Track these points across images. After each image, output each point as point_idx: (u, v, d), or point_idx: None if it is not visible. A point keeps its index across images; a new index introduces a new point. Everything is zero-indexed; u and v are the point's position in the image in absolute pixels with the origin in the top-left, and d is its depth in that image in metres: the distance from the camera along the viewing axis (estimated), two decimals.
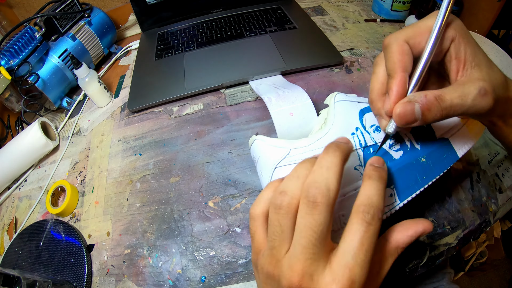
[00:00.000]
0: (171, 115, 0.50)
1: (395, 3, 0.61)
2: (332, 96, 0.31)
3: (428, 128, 0.28)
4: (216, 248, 0.35)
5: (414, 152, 0.27)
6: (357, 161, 0.27)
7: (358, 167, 0.27)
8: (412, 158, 0.27)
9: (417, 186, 0.27)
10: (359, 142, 0.27)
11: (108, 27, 0.66)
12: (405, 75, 0.23)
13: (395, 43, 0.23)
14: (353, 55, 0.54)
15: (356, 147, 0.27)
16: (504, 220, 0.91)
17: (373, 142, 0.28)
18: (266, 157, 0.29)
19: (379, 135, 0.28)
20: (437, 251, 0.34)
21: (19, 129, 0.55)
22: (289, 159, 0.28)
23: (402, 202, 0.26)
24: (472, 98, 0.21)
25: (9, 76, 0.48)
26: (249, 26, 0.62)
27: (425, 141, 0.28)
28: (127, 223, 0.39)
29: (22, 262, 0.39)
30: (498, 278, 1.02)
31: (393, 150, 0.27)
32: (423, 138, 0.28)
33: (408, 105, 0.21)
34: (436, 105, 0.21)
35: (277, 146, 0.29)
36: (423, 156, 0.27)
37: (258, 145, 0.30)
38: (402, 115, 0.21)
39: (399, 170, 0.27)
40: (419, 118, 0.21)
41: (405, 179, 0.27)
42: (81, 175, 0.46)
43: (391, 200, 0.26)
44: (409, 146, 0.28)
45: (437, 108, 0.21)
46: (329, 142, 0.22)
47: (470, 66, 0.22)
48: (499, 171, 0.39)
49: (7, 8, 0.71)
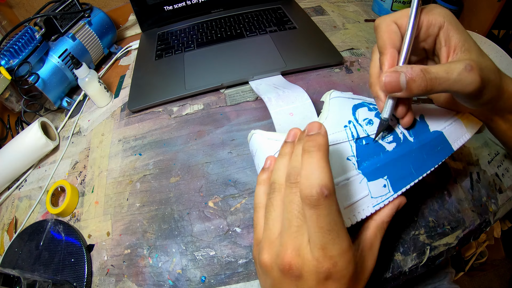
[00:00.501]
0: (171, 115, 0.50)
1: (395, 3, 0.61)
2: (328, 94, 0.33)
3: (422, 121, 0.29)
4: (216, 248, 0.35)
5: (407, 144, 0.28)
6: (350, 152, 0.28)
7: (350, 157, 0.28)
8: (405, 149, 0.28)
9: (411, 178, 0.27)
10: (351, 133, 0.29)
11: (108, 27, 0.66)
12: (394, 51, 0.24)
13: (384, 23, 0.25)
14: (353, 55, 0.54)
15: (348, 139, 0.28)
16: (504, 220, 0.91)
17: (366, 134, 0.28)
18: (263, 150, 0.30)
19: (371, 128, 0.29)
20: (437, 251, 0.34)
21: (19, 129, 0.55)
22: None
23: (396, 193, 0.27)
24: (457, 72, 0.21)
25: (9, 76, 0.48)
26: (249, 26, 0.62)
27: (418, 133, 0.28)
28: (127, 223, 0.39)
29: (22, 262, 0.39)
30: (498, 278, 1.02)
31: (386, 142, 0.28)
32: (416, 131, 0.28)
33: (394, 74, 0.22)
34: (421, 76, 0.21)
35: (274, 139, 0.30)
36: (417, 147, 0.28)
37: (256, 138, 0.32)
38: (387, 83, 0.22)
39: (393, 161, 0.27)
40: (404, 88, 0.22)
41: (398, 170, 0.27)
42: (81, 175, 0.46)
43: (385, 191, 0.27)
44: (402, 138, 0.28)
45: (422, 79, 0.21)
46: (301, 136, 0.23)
47: (460, 51, 0.23)
48: (499, 171, 0.39)
49: (7, 8, 0.71)
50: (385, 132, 0.28)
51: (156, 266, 0.35)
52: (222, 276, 0.34)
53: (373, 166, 0.27)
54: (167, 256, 0.36)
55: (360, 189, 0.26)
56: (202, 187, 0.40)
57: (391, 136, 0.28)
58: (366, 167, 0.27)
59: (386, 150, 0.28)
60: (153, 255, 0.36)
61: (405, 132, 0.28)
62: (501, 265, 1.01)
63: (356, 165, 0.27)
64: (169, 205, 0.40)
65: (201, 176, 0.41)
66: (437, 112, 0.30)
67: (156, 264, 0.35)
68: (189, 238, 0.37)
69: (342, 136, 0.29)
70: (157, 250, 0.36)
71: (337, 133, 0.29)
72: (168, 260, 0.36)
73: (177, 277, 0.34)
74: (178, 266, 0.35)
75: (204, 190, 0.40)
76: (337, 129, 0.29)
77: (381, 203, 0.26)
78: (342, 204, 0.26)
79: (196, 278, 0.34)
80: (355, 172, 0.27)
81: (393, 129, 0.29)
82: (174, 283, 0.34)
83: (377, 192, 0.26)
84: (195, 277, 0.34)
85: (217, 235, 0.36)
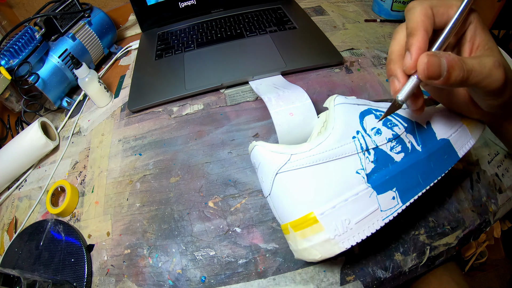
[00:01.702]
0: (171, 115, 0.50)
1: (395, 3, 0.61)
2: (331, 99, 0.31)
3: (429, 128, 0.28)
4: (216, 248, 0.35)
5: (415, 153, 0.27)
6: (359, 165, 0.27)
7: (359, 171, 0.26)
8: (413, 160, 0.27)
9: (419, 188, 0.27)
10: (360, 145, 0.27)
11: (108, 27, 0.66)
12: (426, 34, 0.22)
13: (420, 6, 0.23)
14: (353, 55, 0.54)
15: (357, 151, 0.27)
16: (504, 220, 0.91)
17: (374, 145, 0.27)
18: (267, 163, 0.29)
19: (379, 138, 0.28)
20: (437, 251, 0.34)
21: (19, 129, 0.55)
22: (290, 164, 0.27)
23: (404, 204, 0.26)
24: (488, 67, 0.21)
25: (9, 76, 0.48)
26: (249, 26, 0.62)
27: (426, 142, 0.28)
28: (127, 223, 0.39)
29: (22, 262, 0.39)
30: (498, 278, 1.02)
31: (394, 153, 0.27)
32: (424, 139, 0.28)
33: (435, 57, 0.20)
34: (460, 65, 0.20)
35: (278, 151, 0.28)
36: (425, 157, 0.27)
37: (258, 151, 0.30)
38: (429, 66, 0.20)
39: (401, 172, 0.27)
40: (443, 75, 0.20)
41: (407, 181, 0.27)
42: (81, 175, 0.46)
43: (394, 203, 0.26)
44: (410, 148, 0.28)
45: (460, 68, 0.20)
46: None
47: (484, 49, 0.23)
48: (499, 171, 0.39)
49: (7, 8, 0.71)
50: (393, 142, 0.27)
51: (156, 266, 0.35)
52: (222, 276, 0.34)
53: (382, 178, 0.26)
54: (167, 256, 0.36)
55: (370, 203, 0.26)
56: (202, 187, 0.40)
57: (400, 146, 0.28)
58: (375, 180, 0.26)
59: (394, 161, 0.27)
60: (153, 255, 0.36)
61: (413, 141, 0.28)
62: (501, 265, 1.01)
63: (366, 179, 0.26)
64: (169, 205, 0.40)
65: (201, 176, 0.41)
66: (443, 119, 0.29)
67: (156, 264, 0.35)
68: (189, 238, 0.37)
69: (351, 148, 0.27)
70: (157, 250, 0.36)
71: (346, 145, 0.27)
72: (168, 260, 0.36)
73: (177, 277, 0.34)
74: (178, 266, 0.35)
75: (204, 190, 0.40)
76: (345, 141, 0.27)
77: (390, 216, 0.26)
78: (352, 220, 0.25)
79: (196, 278, 0.34)
80: (364, 186, 0.26)
81: (401, 138, 0.28)
82: (174, 283, 0.34)
83: (386, 205, 0.26)
84: (195, 277, 0.34)
85: (217, 235, 0.36)
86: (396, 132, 0.28)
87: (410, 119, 0.29)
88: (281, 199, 0.28)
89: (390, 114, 0.26)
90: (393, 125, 0.29)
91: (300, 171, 0.27)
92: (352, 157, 0.27)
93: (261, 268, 0.34)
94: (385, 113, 0.25)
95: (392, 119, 0.29)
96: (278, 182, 0.28)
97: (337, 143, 0.27)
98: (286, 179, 0.27)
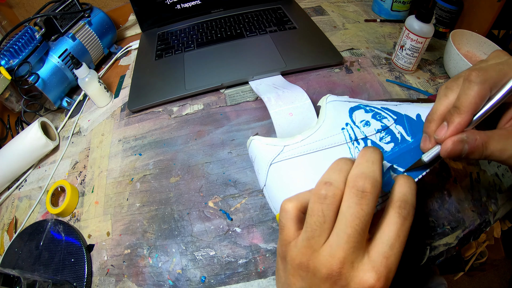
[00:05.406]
0: (171, 115, 0.50)
1: (395, 3, 0.61)
2: (324, 98, 0.33)
3: (419, 120, 0.29)
4: (216, 248, 0.35)
5: (405, 143, 0.28)
6: (348, 154, 0.28)
7: None
8: (403, 149, 0.28)
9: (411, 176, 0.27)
10: (349, 135, 0.29)
11: (108, 27, 0.66)
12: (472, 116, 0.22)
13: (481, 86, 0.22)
14: (353, 55, 0.54)
15: (346, 141, 0.29)
16: (504, 220, 0.91)
17: (363, 136, 0.29)
18: (262, 155, 0.31)
19: (368, 129, 0.29)
20: (437, 251, 0.34)
21: (19, 129, 0.55)
22: (283, 155, 0.30)
23: None
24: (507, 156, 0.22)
25: (9, 76, 0.48)
26: (249, 26, 0.62)
27: (416, 133, 0.28)
28: (127, 223, 0.39)
29: (22, 262, 0.39)
30: (498, 278, 1.02)
31: (384, 143, 0.28)
32: (413, 130, 0.29)
33: (460, 144, 0.22)
34: (480, 151, 0.22)
35: (272, 144, 0.31)
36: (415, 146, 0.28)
37: (255, 144, 0.32)
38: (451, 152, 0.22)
39: (391, 162, 0.27)
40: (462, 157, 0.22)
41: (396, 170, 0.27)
42: (81, 175, 0.46)
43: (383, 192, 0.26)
44: (399, 138, 0.28)
45: (480, 153, 0.22)
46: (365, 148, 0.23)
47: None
48: (499, 171, 0.39)
49: (7, 8, 0.71)
50: (382, 133, 0.29)
51: (156, 266, 0.35)
52: (222, 276, 0.34)
53: None
54: (167, 256, 0.36)
55: None
56: (202, 187, 0.40)
57: (389, 137, 0.28)
58: None
59: (384, 150, 0.28)
60: (153, 255, 0.36)
61: (402, 131, 0.29)
62: (501, 265, 1.01)
63: None
64: (169, 205, 0.40)
65: (201, 176, 0.41)
66: None
67: (156, 264, 0.35)
68: (189, 238, 0.37)
69: (339, 138, 0.29)
70: (157, 250, 0.36)
71: (335, 135, 0.29)
72: (168, 260, 0.36)
73: (177, 277, 0.34)
74: (178, 266, 0.35)
75: (204, 190, 0.40)
76: (334, 132, 0.29)
77: (383, 204, 0.26)
78: None
79: (196, 278, 0.34)
80: None
81: (390, 129, 0.29)
82: (174, 283, 0.34)
83: None
84: (195, 277, 0.34)
85: (217, 235, 0.36)
86: (385, 123, 0.29)
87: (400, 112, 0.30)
88: (275, 189, 0.30)
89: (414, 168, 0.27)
90: (382, 117, 0.30)
91: (292, 160, 0.29)
92: (342, 147, 0.29)
93: (261, 268, 0.34)
94: (410, 167, 0.26)
95: (382, 113, 0.30)
96: (272, 172, 0.30)
97: (326, 134, 0.29)
98: (280, 169, 0.30)
